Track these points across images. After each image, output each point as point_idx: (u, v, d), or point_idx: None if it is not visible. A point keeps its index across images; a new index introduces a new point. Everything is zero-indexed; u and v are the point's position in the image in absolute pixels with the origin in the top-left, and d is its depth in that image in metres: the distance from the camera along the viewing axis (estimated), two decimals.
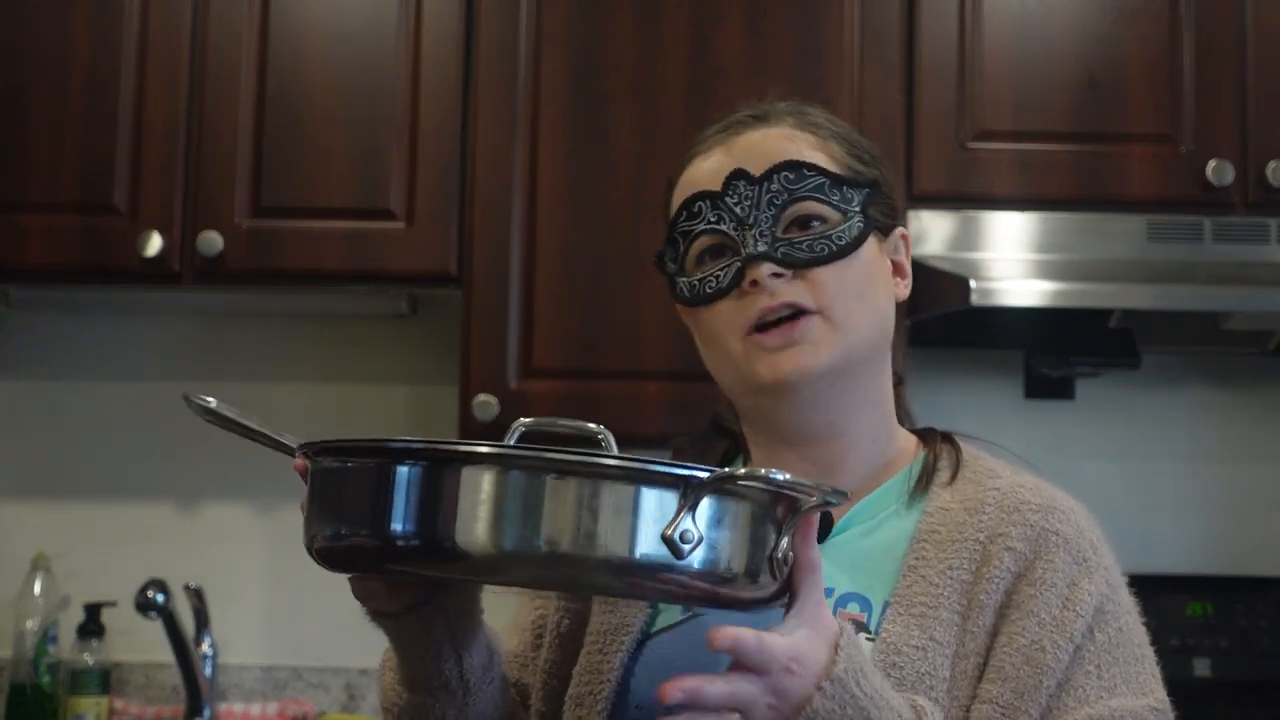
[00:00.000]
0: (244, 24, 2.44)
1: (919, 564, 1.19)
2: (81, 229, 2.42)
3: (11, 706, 2.58)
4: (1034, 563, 1.18)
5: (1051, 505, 1.22)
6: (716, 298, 1.20)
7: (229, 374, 2.78)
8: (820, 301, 1.19)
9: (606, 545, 0.89)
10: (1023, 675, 1.13)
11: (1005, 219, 2.40)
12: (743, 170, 1.21)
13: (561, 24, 2.42)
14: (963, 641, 1.15)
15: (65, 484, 2.74)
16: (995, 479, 1.24)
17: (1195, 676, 2.56)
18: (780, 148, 1.23)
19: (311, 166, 2.43)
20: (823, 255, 1.19)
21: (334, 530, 0.96)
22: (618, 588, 0.95)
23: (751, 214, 1.20)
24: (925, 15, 2.43)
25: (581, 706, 1.21)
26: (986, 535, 1.19)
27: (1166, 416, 2.76)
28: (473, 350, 2.38)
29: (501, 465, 0.90)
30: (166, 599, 2.48)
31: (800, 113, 1.28)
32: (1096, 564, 1.21)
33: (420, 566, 0.95)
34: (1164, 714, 1.18)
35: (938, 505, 1.22)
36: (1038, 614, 1.15)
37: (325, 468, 0.98)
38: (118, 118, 2.43)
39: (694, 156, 1.27)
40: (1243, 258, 2.39)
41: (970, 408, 2.76)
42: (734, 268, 1.19)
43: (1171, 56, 2.42)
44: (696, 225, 1.22)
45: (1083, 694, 1.14)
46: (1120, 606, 1.22)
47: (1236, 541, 2.74)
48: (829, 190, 1.21)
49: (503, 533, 0.89)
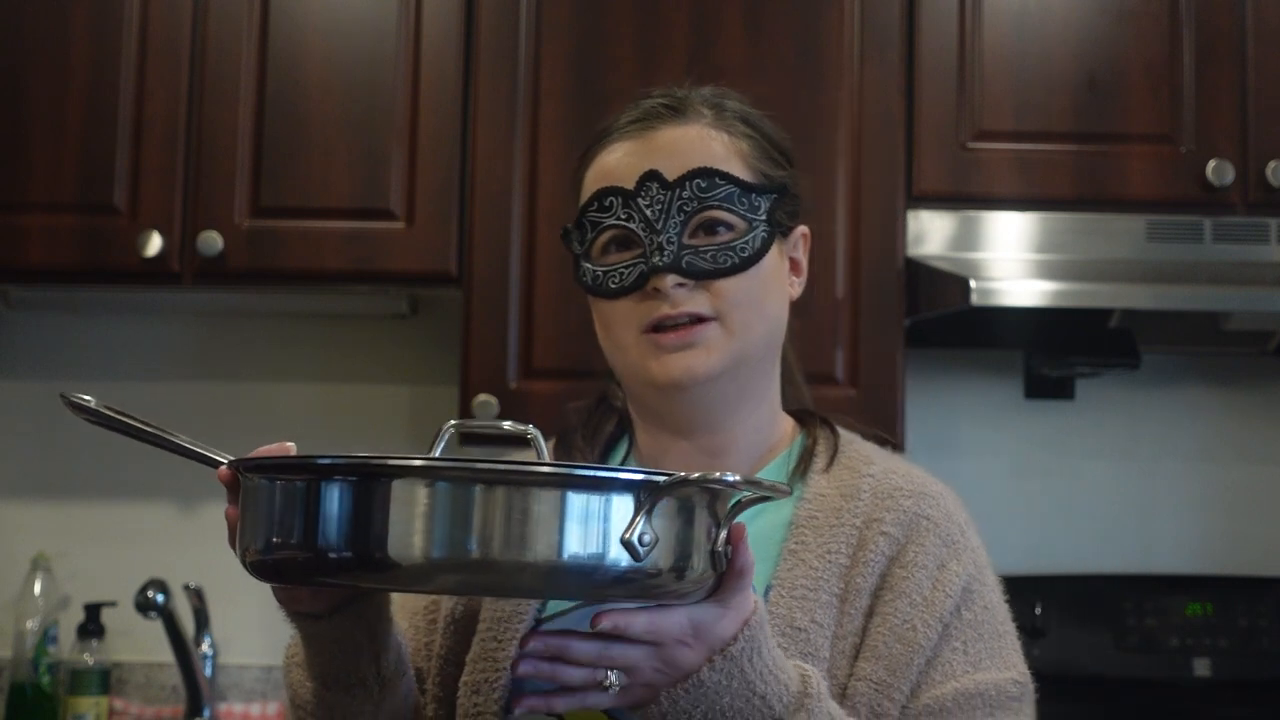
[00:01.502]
0: (244, 24, 2.44)
1: (799, 549, 1.24)
2: (81, 229, 2.42)
3: (11, 706, 2.58)
4: (906, 546, 1.24)
5: (922, 491, 1.28)
6: (619, 294, 1.24)
7: (229, 374, 2.79)
8: (719, 309, 1.23)
9: (566, 551, 0.91)
10: (895, 653, 1.19)
11: (1005, 219, 2.40)
12: (657, 172, 1.24)
13: (561, 23, 2.42)
14: (840, 623, 1.20)
15: (65, 484, 2.74)
16: (870, 465, 1.30)
17: (1195, 676, 2.56)
18: (695, 150, 1.25)
19: (311, 166, 2.43)
20: (725, 267, 1.23)
21: (265, 543, 0.98)
22: (579, 592, 0.97)
23: (661, 219, 1.22)
24: (925, 15, 2.43)
25: (478, 693, 1.23)
26: (862, 521, 1.25)
27: (1166, 416, 2.76)
28: (473, 350, 2.38)
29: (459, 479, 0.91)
30: (166, 599, 2.48)
31: (718, 106, 1.30)
32: (964, 546, 1.27)
33: (360, 579, 0.97)
34: (1024, 686, 1.24)
35: (815, 491, 1.27)
36: (909, 595, 1.21)
37: (255, 484, 0.99)
38: (118, 118, 2.43)
39: (609, 141, 1.29)
40: (1243, 258, 2.39)
41: (970, 408, 2.76)
42: (638, 269, 1.23)
43: (1171, 56, 2.42)
44: (606, 218, 1.25)
45: (950, 669, 1.20)
46: (985, 586, 1.27)
47: (1236, 541, 2.74)
48: (738, 199, 1.24)
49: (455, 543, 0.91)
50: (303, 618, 1.13)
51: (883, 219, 2.39)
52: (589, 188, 1.28)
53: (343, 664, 1.16)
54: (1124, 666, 2.57)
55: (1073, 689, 2.58)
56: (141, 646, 2.68)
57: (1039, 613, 2.57)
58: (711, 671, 1.02)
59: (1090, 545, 2.73)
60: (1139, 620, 2.60)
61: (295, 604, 1.12)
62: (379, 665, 1.17)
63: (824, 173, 2.39)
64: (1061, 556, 2.72)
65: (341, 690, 1.17)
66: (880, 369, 2.36)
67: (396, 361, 2.78)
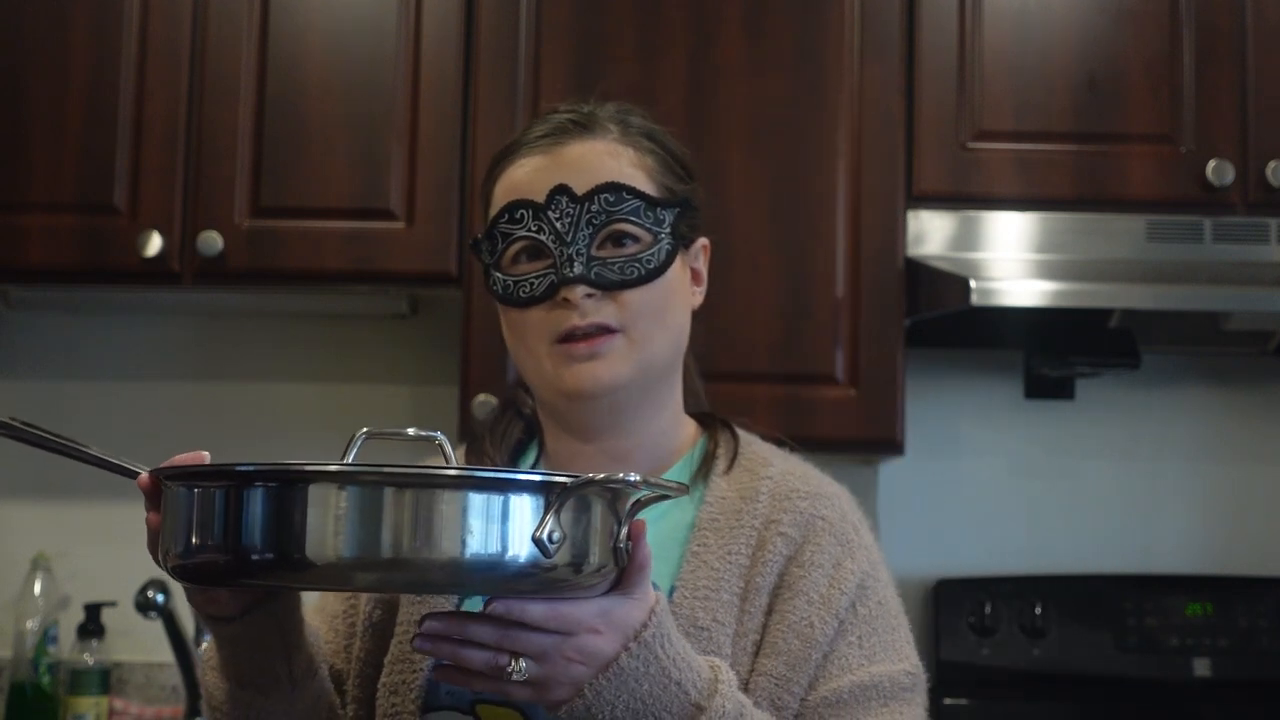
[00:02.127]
0: (244, 24, 2.44)
1: (701, 550, 1.28)
2: (81, 229, 2.42)
3: (11, 706, 2.58)
4: (803, 546, 1.28)
5: (818, 492, 1.33)
6: (529, 304, 1.28)
7: (229, 374, 2.79)
8: (624, 321, 1.28)
9: (480, 550, 0.97)
10: (794, 649, 1.24)
11: (1005, 219, 2.40)
12: (566, 186, 1.28)
13: (561, 23, 2.42)
14: (741, 621, 1.25)
15: (65, 484, 2.73)
16: (768, 468, 1.34)
17: (1195, 676, 2.56)
18: (603, 165, 1.30)
19: (311, 166, 2.43)
20: (632, 279, 1.28)
21: (185, 548, 1.02)
22: (486, 587, 1.02)
23: (571, 231, 1.27)
24: (925, 15, 2.43)
25: (396, 694, 1.27)
26: (761, 522, 1.29)
27: (1166, 416, 2.76)
28: (473, 350, 2.38)
29: (371, 483, 0.97)
30: (166, 599, 2.48)
31: (624, 123, 1.35)
32: (858, 544, 1.31)
33: (279, 580, 1.01)
34: (916, 676, 1.30)
35: (716, 495, 1.32)
36: (807, 593, 1.26)
37: (175, 491, 1.03)
38: (118, 118, 2.43)
39: (518, 156, 1.33)
40: (1243, 258, 2.39)
41: (970, 408, 2.76)
42: (548, 280, 1.27)
43: (1171, 56, 2.42)
44: (517, 230, 1.29)
45: (846, 663, 1.25)
46: (879, 582, 1.32)
47: (1236, 541, 2.74)
48: (644, 213, 1.29)
49: (367, 543, 0.96)
50: (217, 620, 1.16)
51: (883, 219, 2.39)
52: (499, 200, 1.32)
53: (256, 664, 1.20)
54: (1124, 666, 2.57)
55: (1073, 689, 2.58)
56: (141, 646, 2.68)
57: (1039, 613, 2.58)
58: (630, 658, 1.06)
59: (1090, 545, 2.73)
60: (1139, 620, 2.60)
61: (210, 607, 1.15)
62: (291, 665, 1.21)
63: (824, 173, 2.39)
64: (1061, 556, 2.72)
65: (255, 690, 1.21)
66: (880, 369, 2.36)
67: (396, 361, 2.78)
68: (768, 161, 2.39)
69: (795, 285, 2.37)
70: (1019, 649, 2.57)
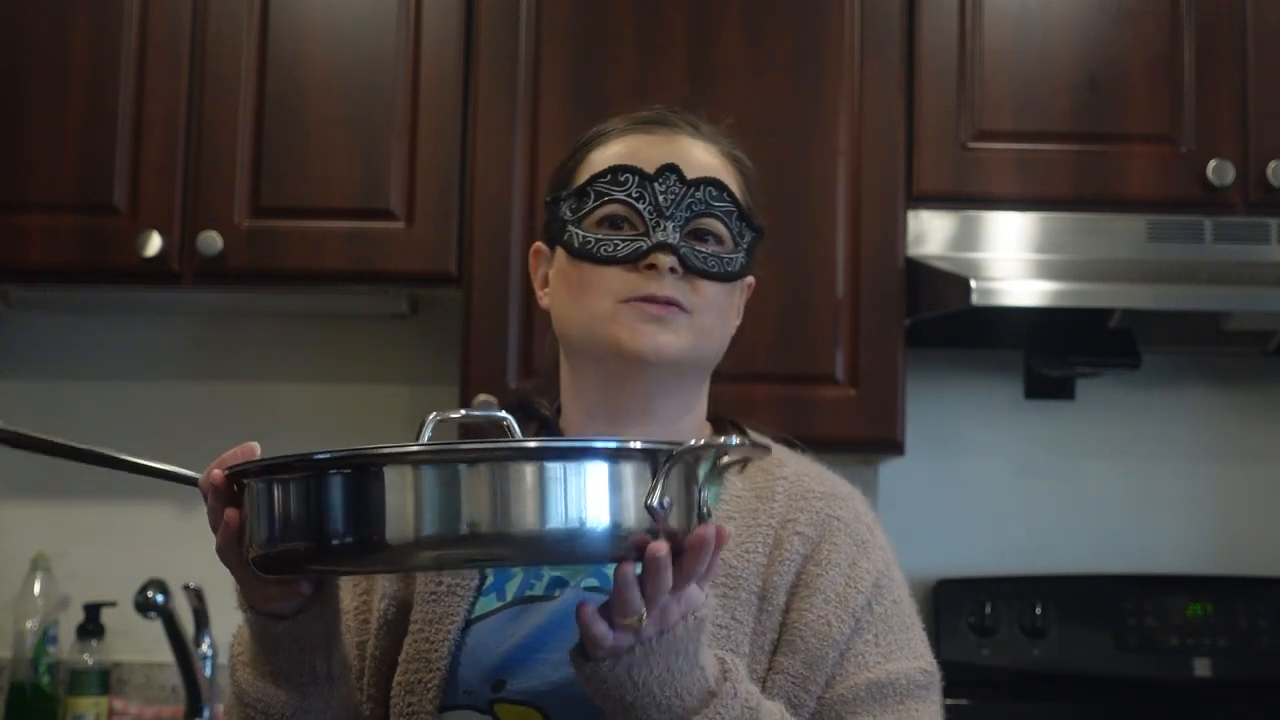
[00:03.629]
0: (244, 24, 2.44)
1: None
2: (81, 229, 2.42)
3: (11, 706, 2.58)
4: (820, 545, 1.29)
5: (833, 493, 1.34)
6: (608, 263, 1.28)
7: (229, 374, 2.78)
8: (695, 306, 1.29)
9: (597, 519, 0.99)
10: (811, 647, 1.25)
11: (1005, 219, 2.40)
12: (677, 167, 1.30)
13: (561, 24, 2.42)
14: (759, 620, 1.26)
15: (65, 484, 2.73)
16: (782, 467, 1.35)
17: (1195, 676, 2.56)
18: (711, 165, 1.34)
19: (311, 166, 2.43)
20: (714, 272, 1.30)
21: (268, 538, 1.04)
22: (567, 558, 1.06)
23: (671, 208, 1.29)
24: (925, 15, 2.43)
25: (412, 694, 1.26)
26: (778, 521, 1.30)
27: (1166, 416, 2.76)
28: (473, 350, 2.38)
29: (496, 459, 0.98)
30: (166, 599, 2.48)
31: (724, 143, 1.39)
32: (873, 544, 1.33)
33: (358, 564, 1.05)
34: (931, 675, 1.31)
35: (732, 494, 1.32)
36: (824, 591, 1.27)
37: (255, 486, 1.05)
38: (118, 118, 2.43)
39: (624, 133, 1.35)
40: (1243, 258, 2.39)
41: (970, 408, 2.76)
42: (637, 244, 1.28)
43: (1171, 56, 2.42)
44: (617, 192, 1.30)
45: (863, 660, 1.26)
46: (894, 581, 1.33)
47: (1236, 541, 2.74)
48: (735, 220, 1.32)
49: (448, 520, 0.98)
50: (269, 618, 1.17)
51: (883, 219, 2.38)
52: (600, 164, 1.32)
53: (298, 662, 1.19)
54: (1124, 666, 2.57)
55: (1073, 689, 2.58)
56: (141, 646, 2.68)
57: (1039, 613, 2.58)
58: (685, 629, 1.07)
59: (1090, 545, 2.73)
60: (1139, 620, 2.60)
61: (269, 604, 1.16)
62: (330, 662, 1.20)
63: (824, 173, 2.39)
64: (1061, 556, 2.72)
65: (293, 687, 1.20)
66: (880, 369, 2.36)
67: (396, 361, 2.78)
68: (767, 161, 2.38)
69: (795, 285, 2.37)
70: (1019, 649, 2.57)
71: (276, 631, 1.17)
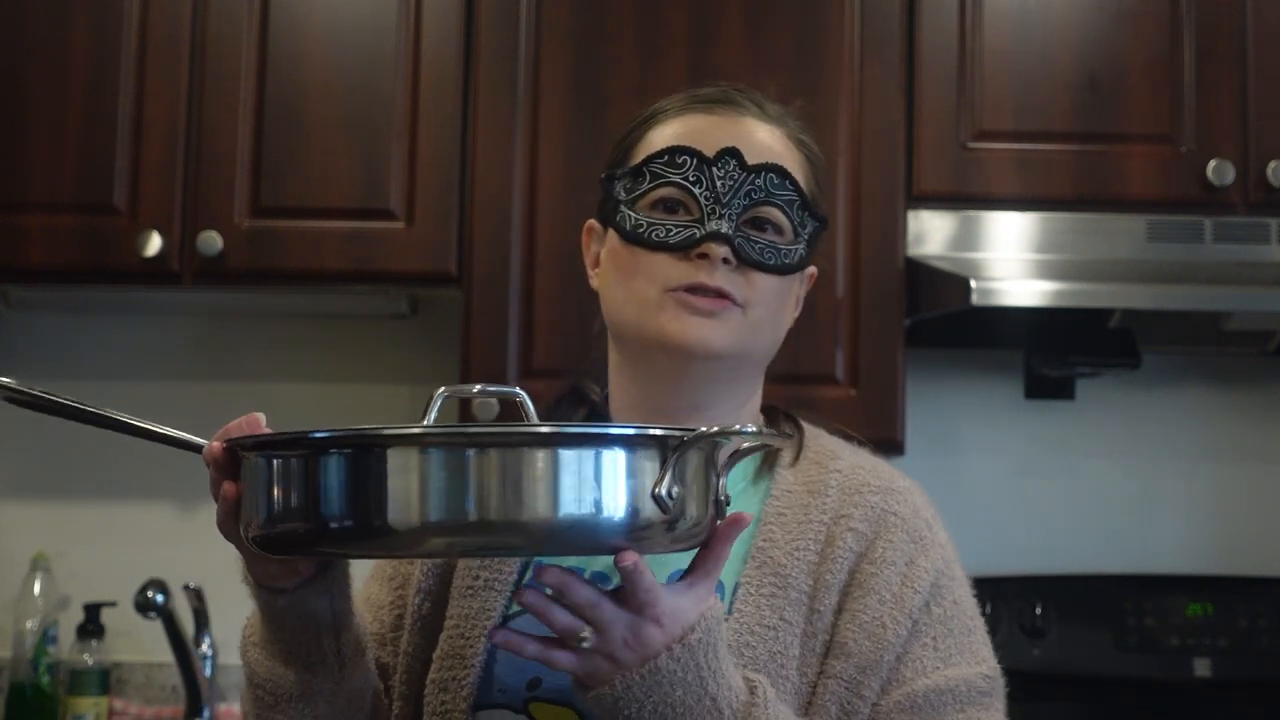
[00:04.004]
0: (244, 24, 2.44)
1: (767, 546, 1.23)
2: (81, 229, 2.42)
3: (11, 706, 2.58)
4: (874, 542, 1.23)
5: (890, 487, 1.27)
6: (659, 248, 1.23)
7: (229, 374, 2.78)
8: (748, 298, 1.24)
9: (605, 508, 0.95)
10: (865, 650, 1.18)
11: (1005, 219, 2.40)
12: (737, 151, 1.25)
13: (561, 24, 2.42)
14: (810, 620, 1.20)
15: (65, 484, 2.74)
16: (836, 460, 1.29)
17: (1195, 676, 2.56)
18: (775, 149, 1.28)
19: (311, 166, 2.43)
20: (770, 264, 1.25)
21: (267, 517, 1.00)
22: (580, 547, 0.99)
23: (730, 194, 1.23)
24: (925, 15, 2.43)
25: (446, 691, 1.22)
26: (830, 517, 1.24)
27: (1166, 416, 2.76)
28: (473, 350, 2.38)
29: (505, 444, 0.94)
30: (166, 599, 2.48)
31: (791, 126, 1.34)
32: (932, 541, 1.26)
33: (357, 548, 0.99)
34: (994, 680, 1.24)
35: (782, 488, 1.27)
36: (878, 591, 1.20)
37: (254, 462, 1.02)
38: (118, 118, 2.43)
39: (684, 111, 1.30)
40: (1243, 258, 2.39)
41: (970, 408, 2.76)
42: (690, 231, 1.23)
43: (1171, 56, 2.42)
44: (674, 174, 1.25)
45: (921, 665, 1.19)
46: (954, 581, 1.26)
47: (1236, 541, 2.74)
48: (797, 209, 1.27)
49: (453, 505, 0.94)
50: (271, 592, 1.14)
51: (883, 219, 2.38)
52: (658, 143, 1.28)
53: (304, 640, 1.16)
54: (1124, 666, 2.57)
55: (1073, 689, 2.58)
56: (141, 646, 2.68)
57: (1039, 613, 2.57)
58: (669, 660, 1.02)
59: (1090, 545, 2.73)
60: (1139, 620, 2.60)
61: (268, 578, 1.13)
62: (339, 643, 1.17)
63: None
64: (1061, 556, 2.72)
65: (301, 667, 1.18)
66: (880, 369, 2.36)
67: (396, 361, 2.78)
68: None
69: None
70: (1019, 649, 2.57)
71: (279, 605, 1.15)
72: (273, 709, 1.20)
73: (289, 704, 1.19)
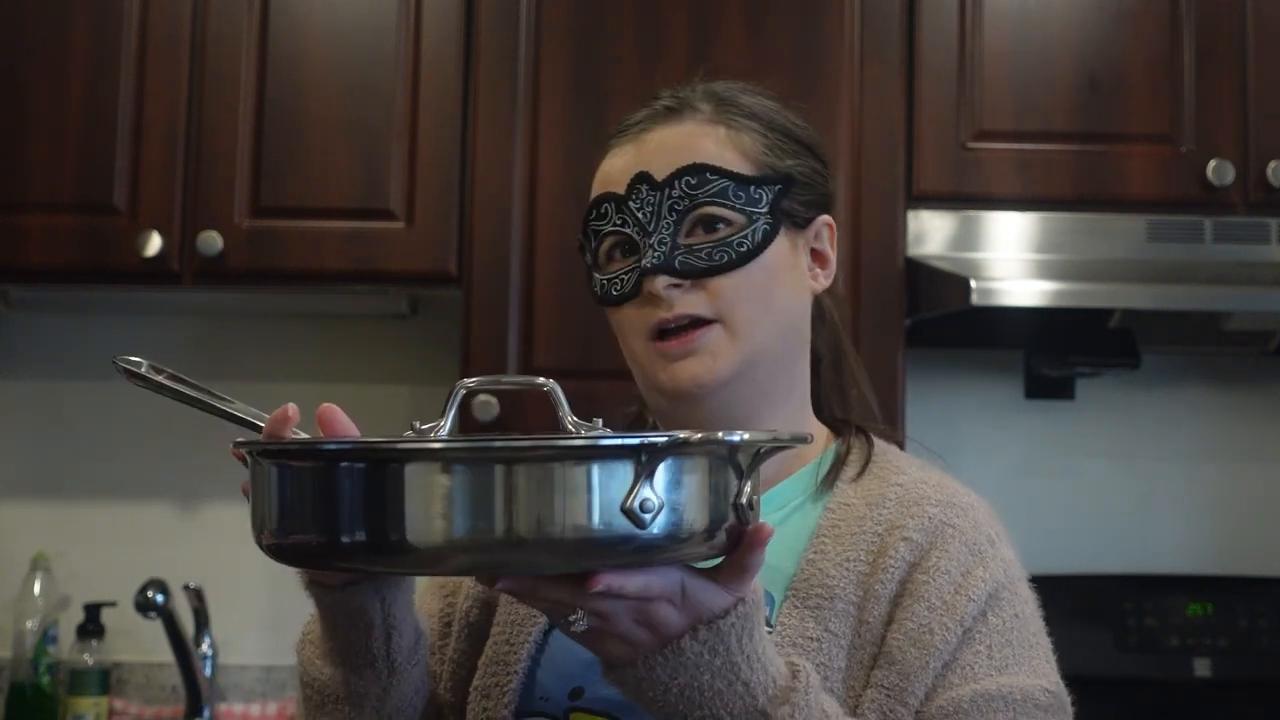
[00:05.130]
0: (244, 24, 2.44)
1: (817, 558, 1.18)
2: (81, 229, 2.42)
3: (11, 706, 2.58)
4: (929, 552, 1.17)
5: (951, 501, 1.23)
6: (620, 302, 1.22)
7: (229, 374, 2.78)
8: (719, 310, 1.19)
9: (566, 526, 0.88)
10: (909, 658, 1.12)
11: (1005, 219, 2.40)
12: (646, 174, 1.21)
13: (561, 24, 2.42)
14: (859, 632, 1.15)
15: (65, 484, 2.74)
16: (900, 475, 1.25)
17: (1195, 676, 2.56)
18: (686, 147, 1.22)
19: (311, 166, 2.43)
20: (721, 264, 1.19)
21: (279, 527, 0.96)
22: (583, 565, 0.93)
23: (652, 220, 1.20)
24: (925, 15, 2.43)
25: (488, 698, 1.20)
26: (884, 528, 1.19)
27: (1166, 416, 2.76)
28: (473, 350, 2.38)
29: (445, 460, 0.89)
30: (166, 599, 2.48)
31: (720, 100, 1.26)
32: (993, 555, 1.21)
33: (367, 564, 0.95)
34: (1057, 696, 1.17)
35: (840, 501, 1.22)
36: (928, 599, 1.14)
37: (265, 468, 0.98)
38: (118, 118, 2.43)
39: (612, 148, 1.27)
40: (1243, 258, 2.39)
41: (970, 408, 2.76)
42: (634, 275, 1.20)
43: (1171, 56, 2.42)
44: (604, 226, 1.23)
45: (970, 672, 1.12)
46: (1018, 597, 1.20)
47: (1236, 541, 2.74)
48: (733, 193, 1.20)
49: (454, 525, 0.89)
50: (319, 587, 1.11)
51: (883, 219, 2.38)
52: (592, 195, 1.27)
53: (354, 641, 1.13)
54: (1124, 666, 2.57)
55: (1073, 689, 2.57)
56: (141, 646, 2.68)
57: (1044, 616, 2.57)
58: (694, 643, 0.97)
59: (1090, 545, 2.73)
60: (1139, 620, 2.60)
61: (314, 573, 1.10)
62: (390, 647, 1.13)
63: None
64: (1061, 556, 2.72)
65: (350, 669, 1.14)
66: (880, 369, 2.36)
67: (396, 361, 2.78)
68: None
69: None
70: None
71: (326, 601, 1.11)
72: (319, 709, 1.17)
73: (335, 706, 1.16)
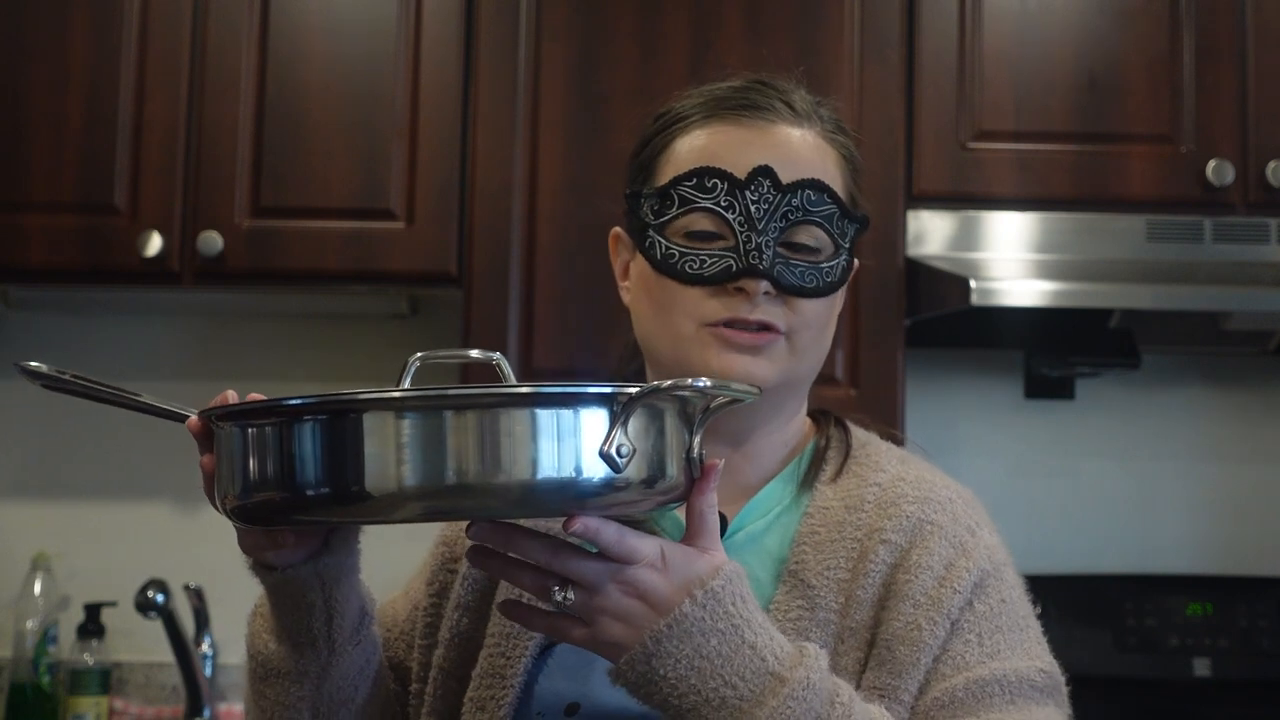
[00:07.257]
0: (244, 24, 2.45)
1: (798, 568, 1.18)
2: (81, 229, 2.42)
3: (11, 706, 2.58)
4: (909, 551, 1.17)
5: (928, 497, 1.21)
6: (694, 281, 1.17)
7: (229, 374, 2.78)
8: (791, 326, 1.18)
9: (549, 468, 0.92)
10: (900, 656, 1.12)
11: (1005, 219, 2.40)
12: (771, 170, 1.17)
13: (561, 24, 2.42)
14: (841, 639, 1.14)
15: (65, 484, 2.74)
16: (878, 474, 1.23)
17: (1195, 676, 2.56)
18: (810, 159, 1.20)
19: (311, 166, 2.43)
20: (810, 288, 1.18)
21: (243, 488, 0.99)
22: (556, 508, 0.95)
23: (765, 219, 1.16)
24: (925, 15, 2.43)
25: (483, 710, 1.19)
26: (864, 532, 1.18)
27: (1166, 416, 2.76)
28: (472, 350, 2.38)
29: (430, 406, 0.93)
30: (166, 599, 2.48)
31: (825, 119, 1.25)
32: (974, 544, 1.20)
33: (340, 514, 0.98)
34: (1053, 678, 1.17)
35: (819, 505, 1.21)
36: (913, 596, 1.14)
37: (229, 431, 1.02)
38: (118, 118, 2.44)
39: (712, 119, 1.22)
40: (1243, 258, 2.39)
41: (970, 408, 2.76)
42: (726, 263, 1.16)
43: (1171, 56, 2.42)
44: (704, 199, 1.17)
45: (962, 661, 1.12)
46: (1004, 582, 1.19)
47: (1236, 541, 2.74)
48: (836, 222, 1.19)
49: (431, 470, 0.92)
50: (263, 569, 1.13)
51: (883, 219, 2.38)
52: (685, 160, 1.20)
53: (296, 620, 1.15)
54: (1124, 666, 2.57)
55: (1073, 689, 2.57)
56: (141, 646, 2.68)
57: (1039, 613, 2.56)
58: (694, 606, 0.97)
59: (1090, 545, 2.73)
60: (1139, 620, 2.60)
61: (257, 552, 1.12)
62: (330, 628, 1.15)
63: None
64: (1061, 556, 2.72)
65: (292, 646, 1.16)
66: (880, 369, 2.36)
67: (396, 361, 2.73)
68: None
69: None
70: None
71: (270, 582, 1.14)
72: (263, 680, 1.20)
73: (277, 679, 1.18)
